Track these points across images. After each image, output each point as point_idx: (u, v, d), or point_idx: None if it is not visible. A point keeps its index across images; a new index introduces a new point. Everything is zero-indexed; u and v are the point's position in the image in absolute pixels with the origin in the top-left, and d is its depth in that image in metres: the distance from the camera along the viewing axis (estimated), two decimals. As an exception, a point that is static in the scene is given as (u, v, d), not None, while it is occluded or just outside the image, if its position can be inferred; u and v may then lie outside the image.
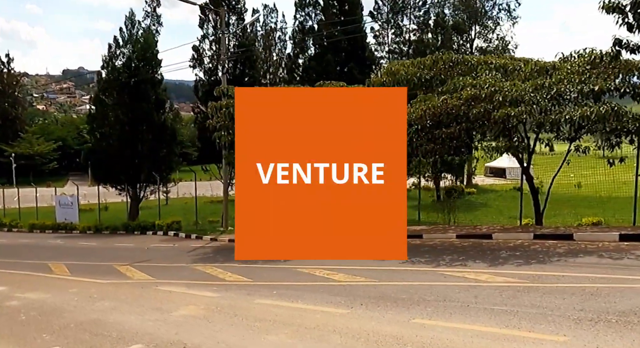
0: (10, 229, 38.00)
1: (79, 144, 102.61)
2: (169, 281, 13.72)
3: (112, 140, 32.39)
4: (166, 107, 33.60)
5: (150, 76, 32.99)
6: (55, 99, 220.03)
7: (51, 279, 15.78)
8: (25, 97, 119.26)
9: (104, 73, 33.37)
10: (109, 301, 11.91)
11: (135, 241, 25.14)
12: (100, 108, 33.24)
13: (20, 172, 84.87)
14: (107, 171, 32.87)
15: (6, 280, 16.29)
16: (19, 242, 27.62)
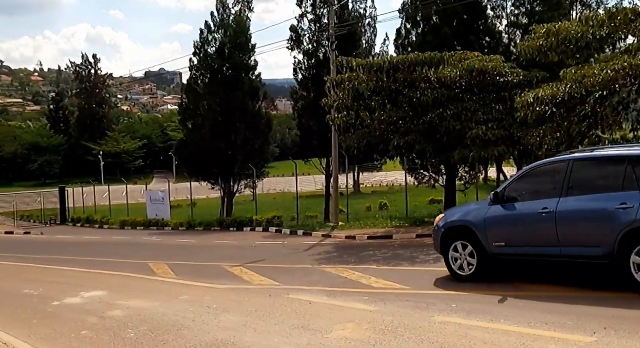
0: (102, 225, 36.90)
1: (163, 141, 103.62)
2: (300, 288, 11.14)
3: (204, 131, 30.42)
4: (260, 94, 31.36)
5: (244, 61, 30.81)
6: (138, 99, 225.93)
7: (155, 282, 13.53)
8: (110, 97, 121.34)
9: (196, 60, 31.48)
10: (234, 314, 9.42)
11: (236, 237, 22.90)
12: (192, 97, 31.38)
13: (108, 170, 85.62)
14: (199, 164, 30.97)
15: (104, 282, 14.19)
16: (113, 239, 25.95)
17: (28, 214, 49.66)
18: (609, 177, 8.92)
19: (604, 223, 8.61)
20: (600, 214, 8.68)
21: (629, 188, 8.47)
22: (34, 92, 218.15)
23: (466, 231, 10.25)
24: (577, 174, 9.15)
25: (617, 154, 9.12)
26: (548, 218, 9.16)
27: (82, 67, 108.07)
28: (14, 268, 18.42)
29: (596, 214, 8.77)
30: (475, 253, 10.08)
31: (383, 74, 16.22)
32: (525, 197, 9.76)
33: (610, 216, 8.53)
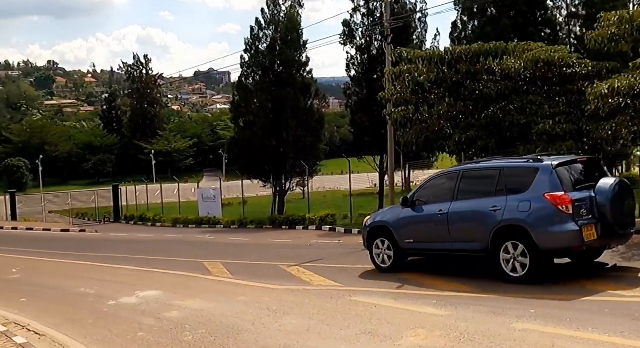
0: (154, 223, 37.12)
1: (213, 140, 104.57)
2: (363, 289, 10.63)
3: (255, 128, 30.17)
4: (312, 91, 30.94)
5: (295, 57, 30.45)
6: (187, 99, 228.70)
7: (211, 282, 13.20)
8: (161, 97, 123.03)
9: (247, 57, 31.27)
10: (295, 316, 8.96)
11: (290, 236, 22.50)
12: (243, 94, 31.21)
13: (159, 168, 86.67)
14: (251, 162, 30.75)
15: (159, 281, 13.95)
16: (166, 237, 25.92)
17: (83, 212, 50.59)
18: (486, 184, 10.65)
19: (481, 223, 10.36)
20: (478, 215, 10.44)
21: (499, 193, 10.25)
22: (87, 93, 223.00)
23: (385, 230, 12.08)
24: (464, 182, 11.01)
25: (492, 166, 10.99)
26: (443, 218, 10.98)
27: (133, 68, 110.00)
28: (70, 266, 18.43)
29: (475, 215, 10.53)
30: (392, 248, 11.91)
31: (444, 66, 15.54)
32: (427, 201, 11.55)
33: (485, 217, 10.28)
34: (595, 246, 10.20)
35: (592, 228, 9.65)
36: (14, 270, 18.44)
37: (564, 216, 9.57)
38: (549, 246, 9.67)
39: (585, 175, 10.38)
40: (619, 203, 9.86)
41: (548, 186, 9.76)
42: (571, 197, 9.64)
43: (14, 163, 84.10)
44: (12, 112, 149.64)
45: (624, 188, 10.07)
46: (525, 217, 9.80)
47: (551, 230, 9.63)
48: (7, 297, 13.97)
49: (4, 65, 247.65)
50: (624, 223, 9.99)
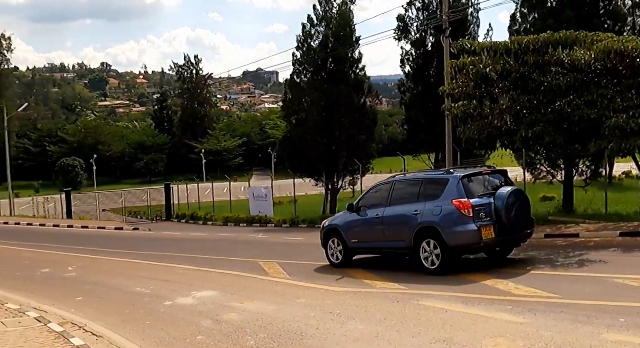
0: (205, 222, 37.08)
1: (262, 139, 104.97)
2: (429, 293, 10.06)
3: (307, 126, 29.79)
4: (365, 88, 30.40)
5: (348, 54, 29.97)
6: (236, 99, 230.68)
7: (268, 283, 12.82)
8: (211, 97, 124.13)
9: (299, 54, 30.91)
10: (361, 322, 8.48)
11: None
12: (295, 92, 30.86)
13: (209, 167, 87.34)
14: (303, 160, 30.37)
15: (215, 281, 13.67)
16: (219, 236, 25.73)
17: (135, 211, 51.07)
18: (411, 193, 12.62)
19: (406, 224, 12.25)
20: (404, 218, 12.32)
21: (420, 200, 12.16)
22: (139, 94, 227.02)
23: (336, 231, 14.08)
24: (395, 191, 13.01)
25: (416, 177, 13.34)
26: (379, 221, 12.98)
27: (184, 68, 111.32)
28: (125, 265, 18.36)
29: (402, 219, 12.41)
30: (342, 247, 13.87)
31: (510, 57, 14.80)
32: (368, 207, 13.48)
33: (409, 220, 12.18)
34: (493, 244, 11.99)
35: (490, 228, 11.53)
36: (70, 268, 18.49)
37: (466, 219, 11.49)
38: (454, 243, 11.56)
39: (488, 185, 12.29)
40: (513, 208, 11.69)
41: (455, 193, 11.70)
42: (472, 203, 11.56)
43: (69, 162, 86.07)
44: (67, 113, 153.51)
45: (518, 196, 12.01)
46: (437, 219, 11.73)
47: (456, 230, 11.52)
48: (64, 295, 13.91)
49: (60, 67, 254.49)
50: (517, 225, 11.86)
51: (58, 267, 18.95)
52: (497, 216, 11.64)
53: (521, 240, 12.63)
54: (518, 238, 12.36)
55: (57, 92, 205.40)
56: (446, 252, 11.57)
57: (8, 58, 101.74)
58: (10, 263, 20.90)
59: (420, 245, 11.90)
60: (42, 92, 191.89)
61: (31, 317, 11.15)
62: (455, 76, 15.92)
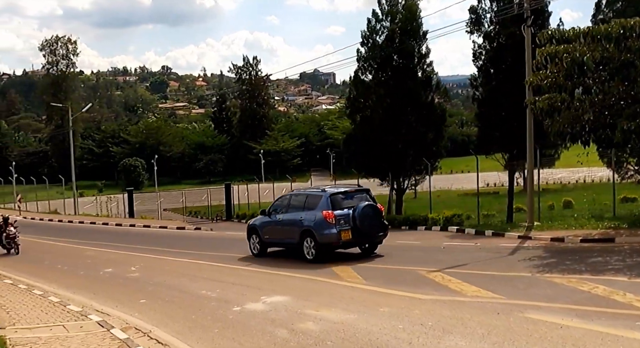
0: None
1: (320, 140, 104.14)
2: (534, 304, 8.88)
3: (373, 124, 28.65)
4: (433, 84, 29.05)
5: (415, 49, 28.73)
6: (294, 100, 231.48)
7: (343, 288, 11.83)
8: (269, 98, 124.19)
9: (364, 50, 29.80)
10: (461, 337, 7.39)
11: (416, 237, 20.79)
12: (360, 89, 29.72)
13: (267, 168, 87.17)
14: (368, 159, 29.20)
15: (284, 285, 12.76)
16: None
17: (196, 211, 50.98)
18: (300, 204, 17.12)
19: (295, 227, 16.68)
20: (295, 222, 16.77)
21: (305, 210, 16.66)
22: (198, 96, 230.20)
23: (255, 229, 18.57)
24: (291, 201, 17.71)
25: (303, 193, 18.17)
26: (280, 223, 17.54)
27: (243, 70, 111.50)
28: (189, 266, 17.71)
29: (293, 222, 16.84)
30: (259, 242, 18.34)
31: (611, 43, 13.38)
32: (275, 213, 18.00)
33: (297, 223, 16.64)
34: (350, 243, 16.33)
35: (349, 232, 15.92)
36: (133, 268, 17.97)
37: (330, 225, 15.89)
38: (322, 241, 15.93)
39: (352, 200, 16.58)
40: (366, 218, 15.92)
41: (325, 206, 16.11)
42: (335, 214, 15.96)
43: (131, 162, 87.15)
44: (130, 114, 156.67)
45: (371, 209, 16.28)
46: (313, 224, 16.15)
47: (323, 232, 15.92)
48: (127, 297, 13.28)
49: (122, 71, 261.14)
50: (371, 230, 16.15)
51: (121, 267, 18.49)
52: (354, 224, 15.96)
53: (376, 240, 16.87)
54: (373, 239, 16.70)
55: (120, 95, 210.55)
56: (319, 247, 16.06)
57: (74, 62, 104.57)
58: (73, 262, 20.58)
59: (304, 242, 16.45)
60: (105, 95, 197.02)
61: (93, 321, 10.51)
62: (546, 65, 14.53)
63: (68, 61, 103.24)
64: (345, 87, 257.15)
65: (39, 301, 13.10)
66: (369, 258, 16.12)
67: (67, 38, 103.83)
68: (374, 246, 16.98)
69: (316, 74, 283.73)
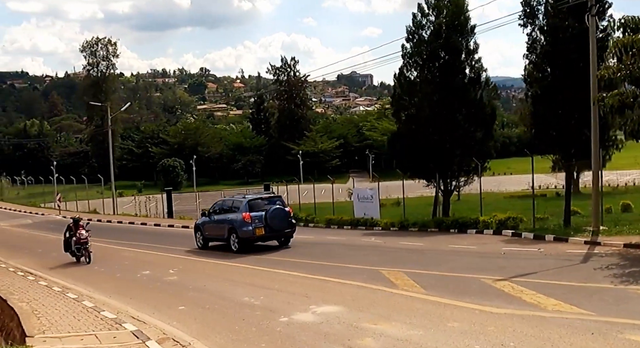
0: (307, 224, 35.39)
1: (358, 141, 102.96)
2: (633, 322, 7.64)
3: (420, 122, 27.42)
4: (482, 81, 27.66)
5: (463, 44, 27.42)
6: (331, 102, 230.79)
7: (400, 298, 10.75)
8: (307, 99, 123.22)
9: (409, 46, 28.58)
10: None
11: (469, 241, 19.46)
12: (406, 86, 28.47)
13: (305, 169, 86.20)
14: (414, 159, 27.96)
15: (335, 293, 11.72)
16: (327, 239, 23.73)
17: (234, 211, 50.35)
18: (228, 207, 21.87)
19: (225, 225, 21.14)
20: (224, 221, 21.25)
21: (231, 212, 21.17)
22: (236, 97, 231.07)
23: (199, 227, 22.95)
24: (223, 205, 22.54)
25: (230, 198, 23.31)
26: (215, 222, 21.94)
27: (281, 70, 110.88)
28: (229, 269, 16.91)
29: (223, 222, 21.29)
30: (202, 237, 22.67)
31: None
32: (213, 214, 22.37)
33: (226, 223, 21.10)
34: (264, 238, 20.77)
35: (262, 229, 20.23)
36: (171, 270, 17.19)
37: (247, 223, 20.22)
38: (242, 237, 20.29)
39: (266, 203, 21.02)
40: (275, 218, 20.32)
41: (244, 209, 20.43)
42: (251, 215, 20.28)
43: (170, 163, 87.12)
44: (169, 115, 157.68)
45: (279, 211, 20.62)
46: (236, 223, 20.46)
47: (243, 229, 20.24)
48: (165, 303, 12.42)
49: (162, 73, 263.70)
50: (280, 227, 20.59)
51: (159, 269, 17.73)
52: (266, 223, 20.33)
53: (285, 236, 21.33)
54: (282, 234, 21.16)
55: (158, 96, 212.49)
56: (240, 241, 20.49)
57: (114, 63, 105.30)
58: (110, 263, 19.92)
59: (230, 237, 20.90)
60: (145, 97, 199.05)
61: (128, 330, 9.64)
62: (620, 57, 13.20)
63: (108, 62, 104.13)
64: (383, 88, 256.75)
65: (72, 306, 12.35)
66: (423, 264, 14.93)
67: (107, 40, 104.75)
68: (287, 240, 21.58)
69: (353, 75, 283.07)
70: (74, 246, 20.07)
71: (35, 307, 12.58)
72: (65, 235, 20.55)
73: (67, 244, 20.37)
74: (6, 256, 23.24)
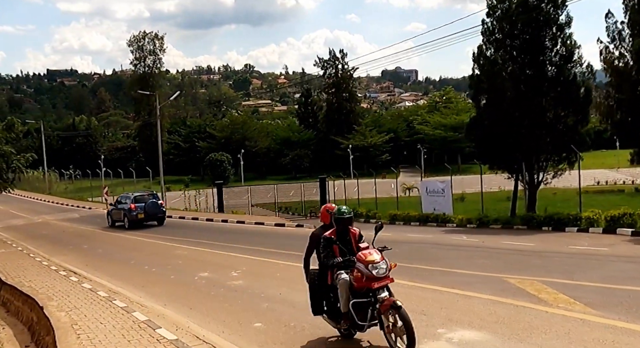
0: (368, 220, 32.66)
1: (408, 135, 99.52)
2: None
3: (505, 105, 24.30)
4: (575, 58, 24.30)
5: (553, 16, 24.18)
6: (376, 97, 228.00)
7: (563, 320, 7.84)
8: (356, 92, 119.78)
9: (489, 22, 25.44)
10: None
11: (590, 241, 16.24)
12: (487, 66, 25.31)
13: (355, 164, 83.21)
14: (496, 147, 24.84)
15: (466, 312, 8.85)
16: (410, 238, 20.77)
17: (287, 206, 47.94)
18: (125, 200, 32.25)
19: (122, 211, 31.69)
20: (122, 209, 31.68)
21: (125, 203, 31.89)
22: (280, 93, 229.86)
23: (109, 213, 33.62)
24: (120, 199, 32.89)
25: (126, 195, 33.69)
26: (117, 209, 32.30)
27: (329, 63, 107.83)
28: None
29: (121, 209, 31.76)
30: (111, 220, 33.26)
31: None
32: (118, 204, 32.52)
33: (122, 210, 31.59)
34: (143, 220, 30.93)
35: (142, 214, 30.81)
36: (234, 273, 14.61)
37: (134, 211, 30.65)
38: (130, 219, 30.90)
39: (146, 199, 31.97)
40: (150, 207, 31.26)
41: (132, 202, 31.17)
42: (135, 205, 30.82)
43: (217, 157, 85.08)
44: (215, 110, 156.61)
45: (153, 202, 31.64)
46: (126, 211, 31.22)
47: (131, 214, 30.90)
48: (236, 318, 9.82)
49: (207, 70, 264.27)
50: (153, 213, 31.30)
51: (219, 271, 15.17)
52: (144, 210, 30.71)
53: (159, 219, 31.82)
54: (156, 218, 31.60)
55: (204, 93, 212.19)
56: (130, 221, 30.66)
57: (160, 57, 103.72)
58: (162, 262, 17.47)
59: (124, 219, 31.12)
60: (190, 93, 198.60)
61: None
62: None
63: (155, 56, 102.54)
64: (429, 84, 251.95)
65: (120, 319, 9.85)
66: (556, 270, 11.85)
67: (154, 34, 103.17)
68: (161, 222, 31.85)
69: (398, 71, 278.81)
70: None
71: (75, 319, 10.13)
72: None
73: None
74: (50, 253, 21.18)
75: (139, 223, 30.53)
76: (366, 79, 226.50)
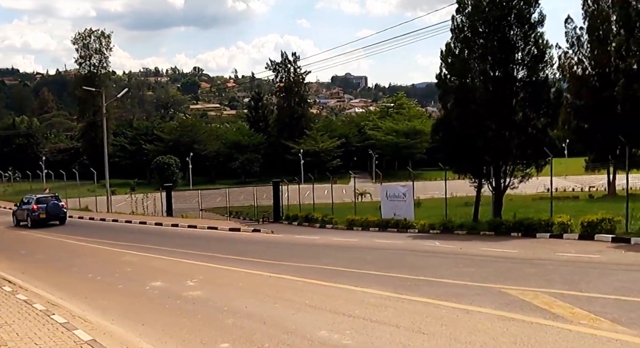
0: (323, 225, 31.46)
1: (359, 141, 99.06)
2: None
3: (473, 106, 23.37)
4: (546, 58, 23.55)
5: (526, 14, 23.36)
6: (326, 103, 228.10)
7: (593, 340, 6.56)
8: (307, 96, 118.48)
9: (459, 19, 24.46)
10: None
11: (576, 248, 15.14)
12: (457, 65, 24.21)
13: (306, 169, 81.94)
14: (462, 150, 23.85)
15: (470, 329, 7.53)
16: (379, 243, 19.31)
17: (238, 211, 46.36)
18: (28, 201, 34.24)
19: (25, 211, 33.45)
20: (25, 210, 33.68)
21: (29, 204, 33.72)
22: (229, 97, 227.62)
23: (15, 213, 35.45)
24: (24, 200, 34.88)
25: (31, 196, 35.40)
26: (22, 210, 34.06)
27: (281, 66, 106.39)
28: (269, 282, 12.55)
29: (25, 210, 33.65)
30: (16, 219, 34.97)
31: None
32: (22, 204, 34.35)
33: (25, 210, 33.43)
34: (46, 219, 32.66)
35: (44, 214, 32.54)
36: (190, 282, 12.98)
37: (35, 211, 32.36)
38: (33, 219, 32.56)
39: (49, 200, 34.21)
40: (52, 208, 33.11)
41: (34, 203, 32.99)
42: (37, 206, 32.64)
43: (165, 160, 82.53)
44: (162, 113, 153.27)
45: (55, 204, 33.62)
46: (29, 211, 32.94)
47: (33, 214, 32.64)
48: (197, 336, 8.27)
49: (154, 72, 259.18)
50: (55, 213, 33.22)
51: (173, 279, 13.52)
52: (46, 210, 32.60)
53: (60, 219, 33.72)
54: (58, 218, 33.43)
55: (151, 95, 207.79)
56: (32, 221, 32.21)
57: (107, 56, 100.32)
58: (110, 270, 15.65)
59: (28, 219, 32.56)
60: (137, 95, 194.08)
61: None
62: None
63: (101, 55, 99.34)
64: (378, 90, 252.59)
65: (59, 339, 8.23)
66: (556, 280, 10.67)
67: (100, 32, 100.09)
68: (62, 222, 33.71)
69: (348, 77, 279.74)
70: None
71: (5, 338, 8.41)
72: None
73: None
74: (-19, 259, 19.07)
75: (41, 223, 32.31)
76: (316, 84, 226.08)
